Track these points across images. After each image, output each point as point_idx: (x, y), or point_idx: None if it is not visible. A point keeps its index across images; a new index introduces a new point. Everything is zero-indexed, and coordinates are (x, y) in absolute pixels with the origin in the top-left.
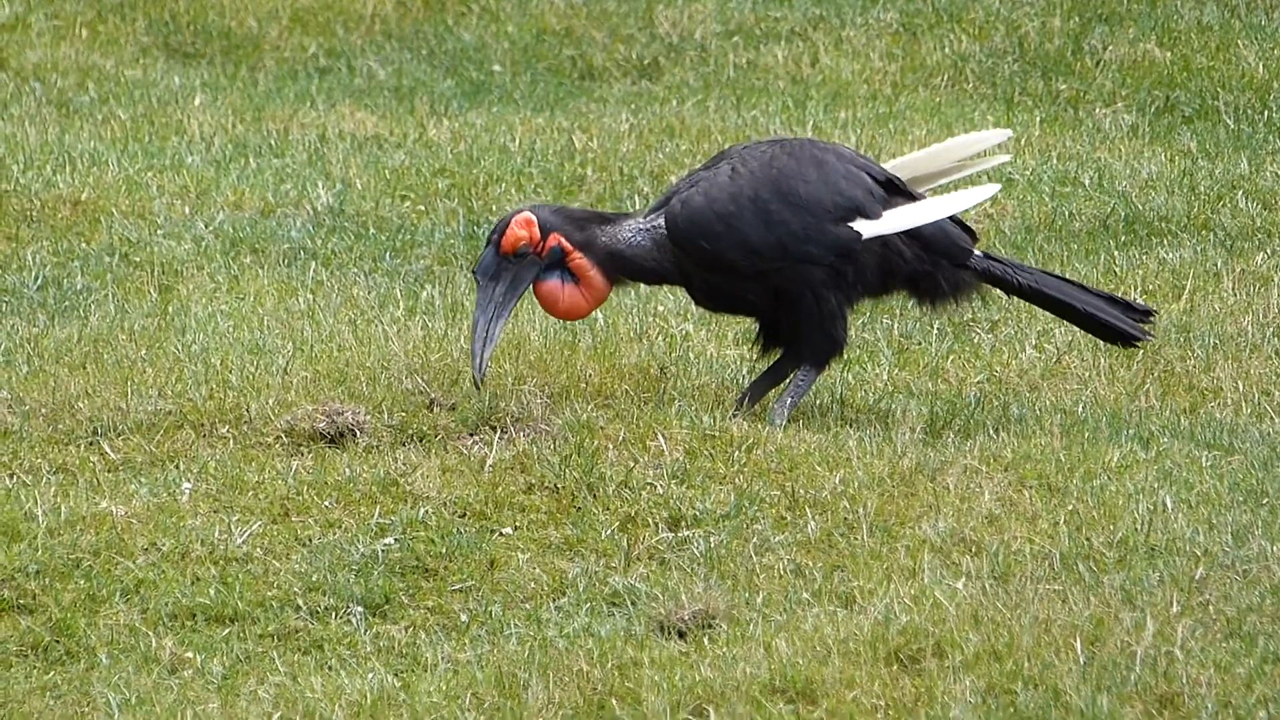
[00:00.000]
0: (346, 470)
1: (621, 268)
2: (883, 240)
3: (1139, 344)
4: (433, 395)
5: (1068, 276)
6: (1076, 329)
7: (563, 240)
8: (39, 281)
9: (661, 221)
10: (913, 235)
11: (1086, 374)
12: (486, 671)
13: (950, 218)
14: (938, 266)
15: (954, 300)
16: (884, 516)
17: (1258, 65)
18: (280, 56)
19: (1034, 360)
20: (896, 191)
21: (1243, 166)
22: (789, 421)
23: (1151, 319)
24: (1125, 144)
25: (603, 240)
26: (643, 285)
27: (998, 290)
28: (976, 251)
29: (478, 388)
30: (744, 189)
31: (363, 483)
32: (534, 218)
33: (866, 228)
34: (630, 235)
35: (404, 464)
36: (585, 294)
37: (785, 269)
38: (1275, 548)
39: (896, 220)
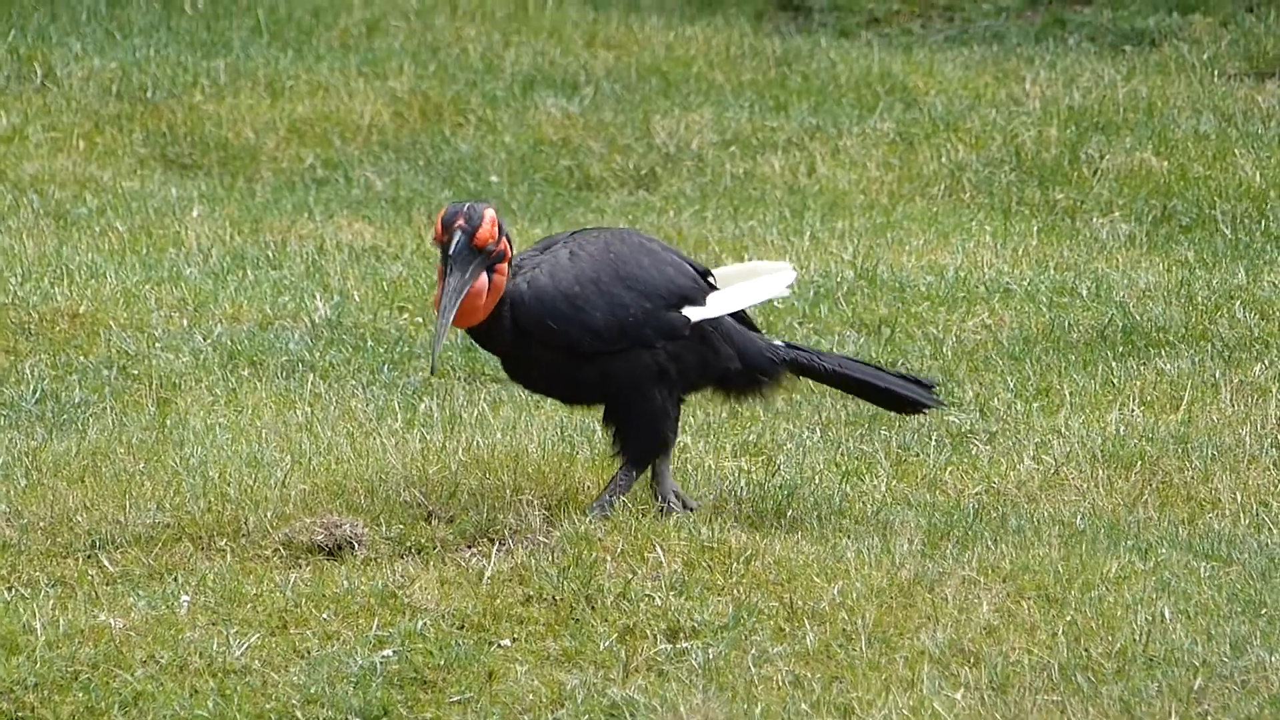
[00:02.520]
0: (345, 582)
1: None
2: (702, 332)
3: (928, 409)
4: (431, 507)
5: (863, 359)
6: (1074, 440)
7: (509, 251)
8: (37, 395)
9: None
10: (723, 334)
11: (1084, 485)
12: None
13: (741, 319)
14: (745, 361)
15: (762, 392)
16: (882, 627)
17: (1254, 174)
18: (278, 167)
19: (1032, 471)
20: (707, 282)
21: (1240, 276)
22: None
23: (936, 388)
24: (1123, 253)
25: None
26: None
27: (807, 378)
28: (778, 342)
29: (432, 373)
30: (585, 271)
31: (361, 595)
32: (496, 219)
33: (694, 313)
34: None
35: (402, 576)
36: (487, 305)
37: (621, 353)
38: (1273, 658)
39: (720, 305)
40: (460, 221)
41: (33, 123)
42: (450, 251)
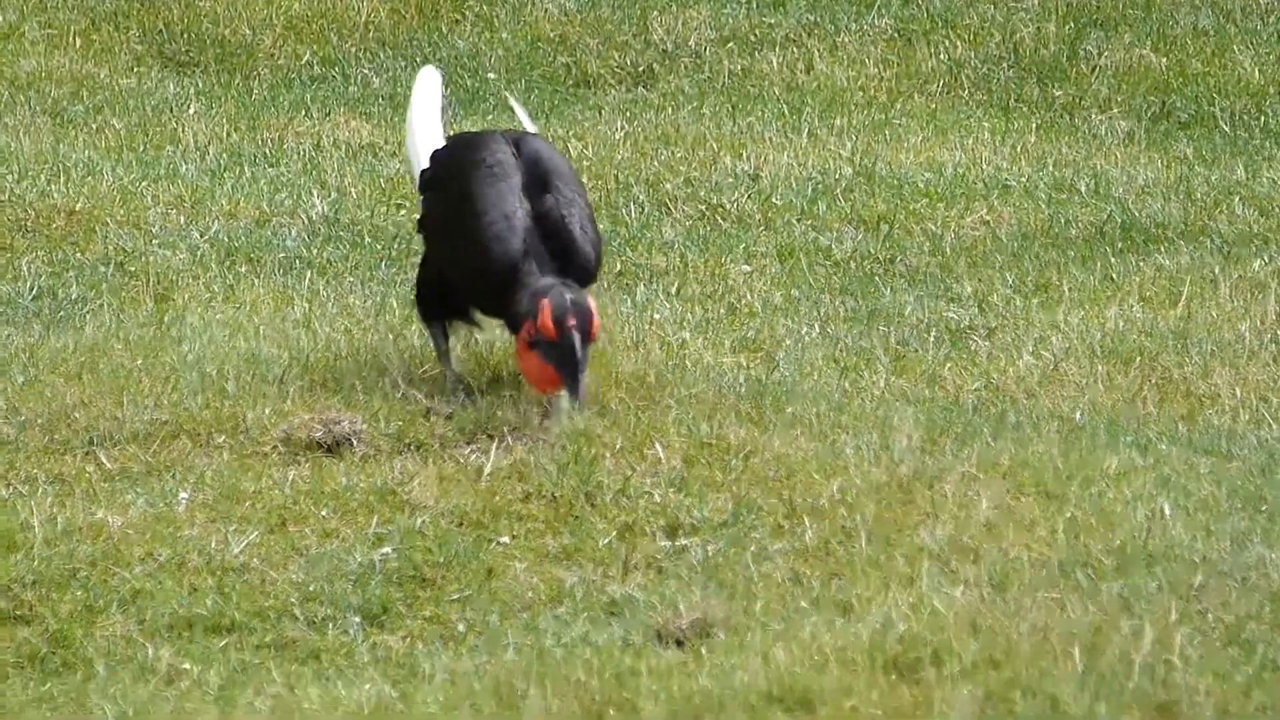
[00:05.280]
0: (343, 479)
1: None
2: None
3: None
4: (429, 404)
5: None
6: (1073, 335)
7: None
8: (34, 291)
9: None
10: None
11: (1084, 381)
12: (484, 681)
13: None
14: None
15: None
16: (882, 524)
17: (1253, 71)
18: (275, 65)
19: (1031, 367)
20: None
21: (1239, 173)
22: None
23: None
24: (1121, 150)
25: None
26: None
27: None
28: None
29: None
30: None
31: (360, 492)
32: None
33: None
34: None
35: (401, 473)
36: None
37: None
38: (1274, 554)
39: None
40: (571, 321)
41: (29, 20)
42: (580, 354)
